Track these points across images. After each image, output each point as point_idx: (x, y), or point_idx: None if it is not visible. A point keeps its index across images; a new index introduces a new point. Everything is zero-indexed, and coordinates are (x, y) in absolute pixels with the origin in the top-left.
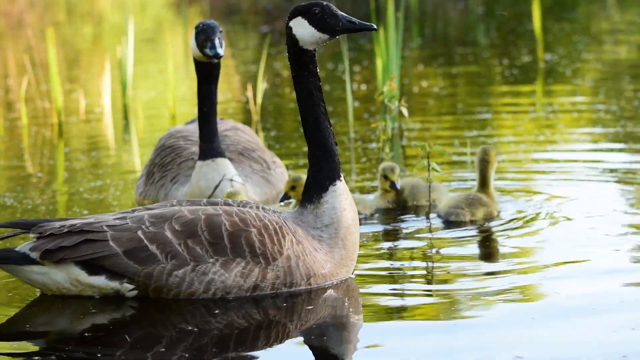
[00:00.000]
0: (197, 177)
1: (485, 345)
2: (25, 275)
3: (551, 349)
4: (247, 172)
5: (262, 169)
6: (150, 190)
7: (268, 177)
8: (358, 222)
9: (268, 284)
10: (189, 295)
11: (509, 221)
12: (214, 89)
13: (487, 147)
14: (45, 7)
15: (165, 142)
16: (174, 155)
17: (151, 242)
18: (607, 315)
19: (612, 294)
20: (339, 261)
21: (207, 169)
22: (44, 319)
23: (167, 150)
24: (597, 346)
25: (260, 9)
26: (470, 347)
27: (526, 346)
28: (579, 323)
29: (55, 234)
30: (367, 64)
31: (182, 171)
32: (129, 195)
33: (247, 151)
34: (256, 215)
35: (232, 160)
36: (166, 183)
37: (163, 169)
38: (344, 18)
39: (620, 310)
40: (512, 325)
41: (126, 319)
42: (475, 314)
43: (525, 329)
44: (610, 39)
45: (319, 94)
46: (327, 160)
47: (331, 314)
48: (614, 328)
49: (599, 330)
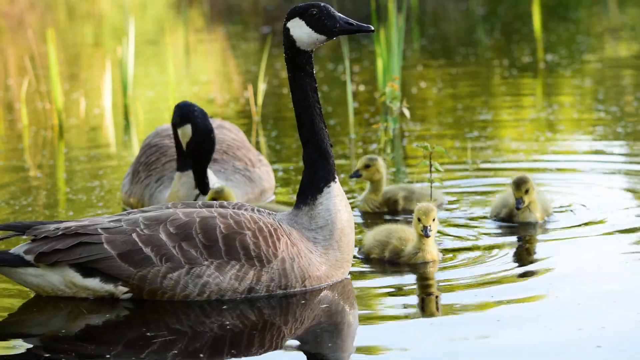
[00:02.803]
0: (176, 186)
1: (484, 345)
2: (19, 277)
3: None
4: (229, 172)
5: (246, 167)
6: (136, 189)
7: (251, 176)
8: (353, 223)
9: (263, 286)
10: (184, 297)
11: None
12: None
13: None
14: (45, 8)
15: (151, 141)
16: (159, 155)
17: (146, 245)
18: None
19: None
20: (334, 263)
21: (186, 179)
22: (38, 320)
23: (152, 149)
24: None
25: (260, 10)
26: (468, 348)
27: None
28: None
29: (49, 236)
30: (367, 64)
31: (167, 173)
32: None
33: (232, 149)
34: (251, 218)
35: (215, 160)
36: (151, 183)
37: (148, 167)
38: (341, 19)
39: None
40: (509, 326)
41: (120, 319)
42: (475, 314)
43: (525, 329)
44: (611, 39)
45: (314, 95)
46: (321, 161)
47: (326, 316)
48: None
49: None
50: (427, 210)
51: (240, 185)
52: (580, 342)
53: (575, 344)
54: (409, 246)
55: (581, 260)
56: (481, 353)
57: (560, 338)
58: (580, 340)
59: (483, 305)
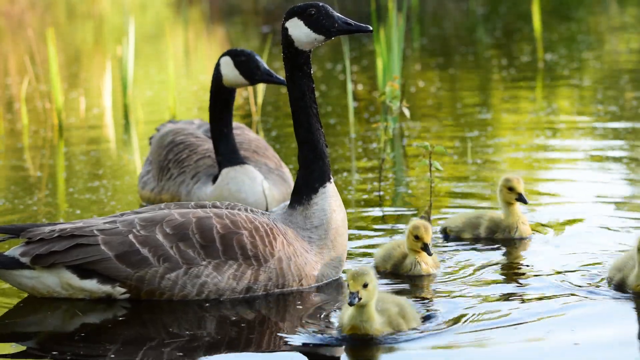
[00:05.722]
0: (225, 180)
1: (482, 346)
2: (14, 279)
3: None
4: (264, 171)
5: (277, 167)
6: (168, 185)
7: (283, 176)
8: (347, 223)
9: (260, 285)
10: (182, 298)
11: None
12: (232, 110)
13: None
14: (45, 8)
15: (175, 139)
16: (189, 152)
17: (143, 246)
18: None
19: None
20: (329, 262)
21: (235, 174)
22: (33, 319)
23: (180, 147)
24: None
25: (260, 9)
26: (467, 349)
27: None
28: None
29: (45, 238)
30: (367, 63)
31: (202, 169)
32: (128, 195)
33: (260, 149)
34: (247, 218)
35: (247, 158)
36: (186, 180)
37: (180, 165)
38: (339, 19)
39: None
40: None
41: (117, 319)
42: (474, 315)
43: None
44: (610, 38)
45: (311, 96)
46: (317, 162)
47: (323, 314)
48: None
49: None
50: (426, 228)
51: (277, 184)
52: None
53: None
54: (408, 259)
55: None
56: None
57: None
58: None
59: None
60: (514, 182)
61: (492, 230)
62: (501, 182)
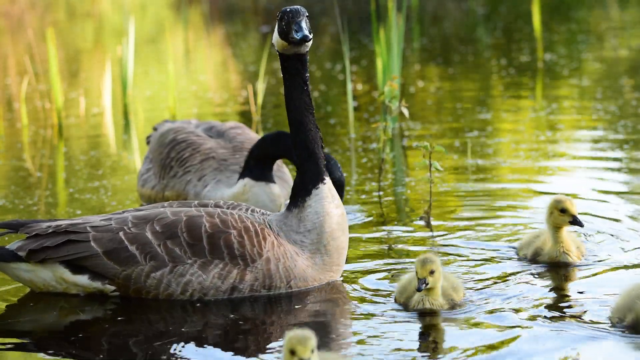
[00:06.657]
0: (244, 194)
1: (481, 347)
2: (13, 272)
3: None
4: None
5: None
6: (173, 183)
7: (283, 177)
8: (345, 226)
9: (246, 285)
10: (167, 296)
11: (508, 224)
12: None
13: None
14: (45, 7)
15: (176, 137)
16: (192, 151)
17: (131, 243)
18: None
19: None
20: (322, 266)
21: (257, 190)
22: (29, 316)
23: (182, 145)
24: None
25: (260, 9)
26: (464, 350)
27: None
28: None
29: (40, 234)
30: (367, 63)
31: (207, 172)
32: (128, 195)
33: None
34: (239, 217)
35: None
36: (193, 180)
37: (183, 163)
38: (297, 30)
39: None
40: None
41: (108, 317)
42: (472, 316)
43: (522, 330)
44: (610, 38)
45: (305, 98)
46: (310, 163)
47: (310, 317)
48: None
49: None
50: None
51: (280, 185)
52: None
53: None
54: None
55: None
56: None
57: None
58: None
59: (485, 307)
60: (567, 203)
61: (538, 253)
62: (551, 204)
